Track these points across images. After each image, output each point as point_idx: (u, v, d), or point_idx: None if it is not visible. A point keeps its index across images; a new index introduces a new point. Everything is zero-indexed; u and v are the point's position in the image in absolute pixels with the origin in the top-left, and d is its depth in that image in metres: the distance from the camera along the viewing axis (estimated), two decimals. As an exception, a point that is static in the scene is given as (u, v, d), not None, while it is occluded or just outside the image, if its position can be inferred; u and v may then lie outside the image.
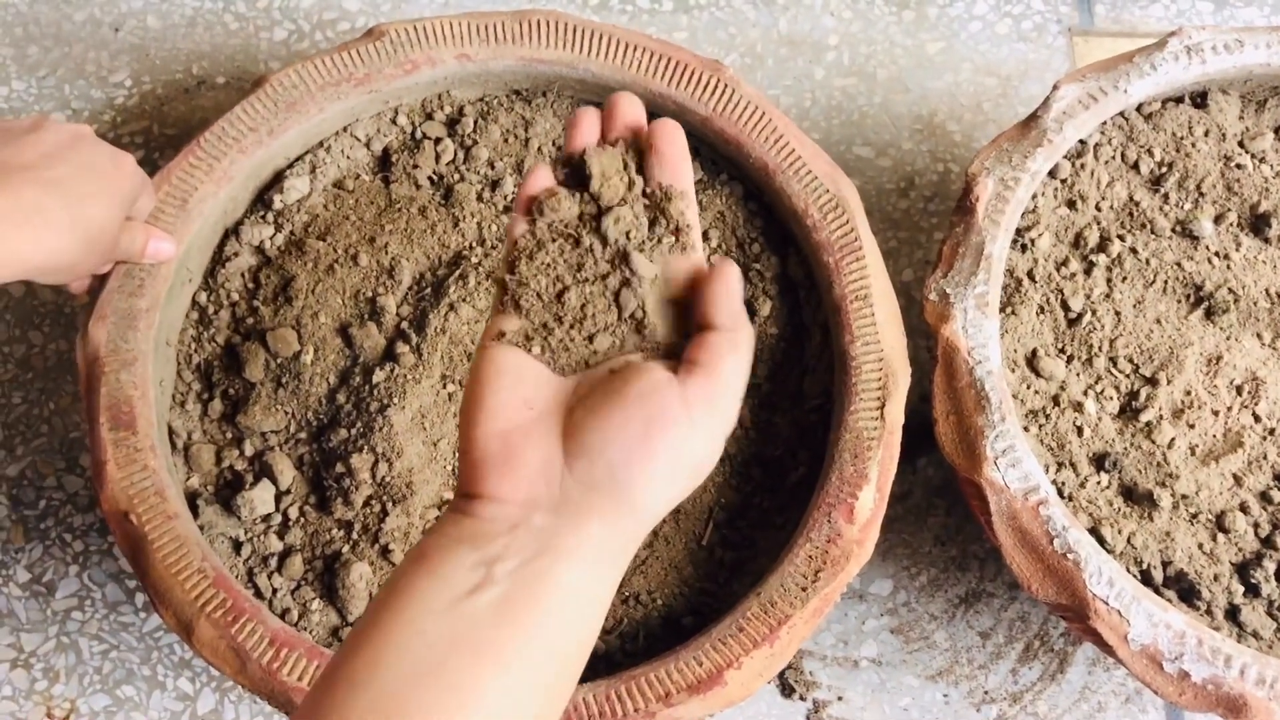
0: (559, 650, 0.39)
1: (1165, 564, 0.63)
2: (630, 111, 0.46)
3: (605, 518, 0.40)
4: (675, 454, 0.40)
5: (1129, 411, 0.65)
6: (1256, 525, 0.63)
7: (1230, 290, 0.67)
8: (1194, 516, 0.63)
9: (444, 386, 0.64)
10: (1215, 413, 0.65)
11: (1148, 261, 0.68)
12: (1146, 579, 0.62)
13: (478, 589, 0.38)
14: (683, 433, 0.40)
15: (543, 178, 0.45)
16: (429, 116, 0.71)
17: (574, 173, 0.45)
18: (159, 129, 0.83)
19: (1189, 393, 0.65)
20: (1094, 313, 0.67)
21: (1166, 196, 0.70)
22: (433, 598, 0.39)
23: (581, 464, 0.40)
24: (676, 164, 0.45)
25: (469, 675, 0.37)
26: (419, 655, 0.37)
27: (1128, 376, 0.66)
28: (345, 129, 0.70)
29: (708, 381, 0.41)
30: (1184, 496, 0.63)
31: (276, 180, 0.69)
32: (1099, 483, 0.64)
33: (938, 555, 0.74)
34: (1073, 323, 0.67)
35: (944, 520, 0.75)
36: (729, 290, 0.43)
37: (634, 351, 0.44)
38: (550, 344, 0.43)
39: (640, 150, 0.45)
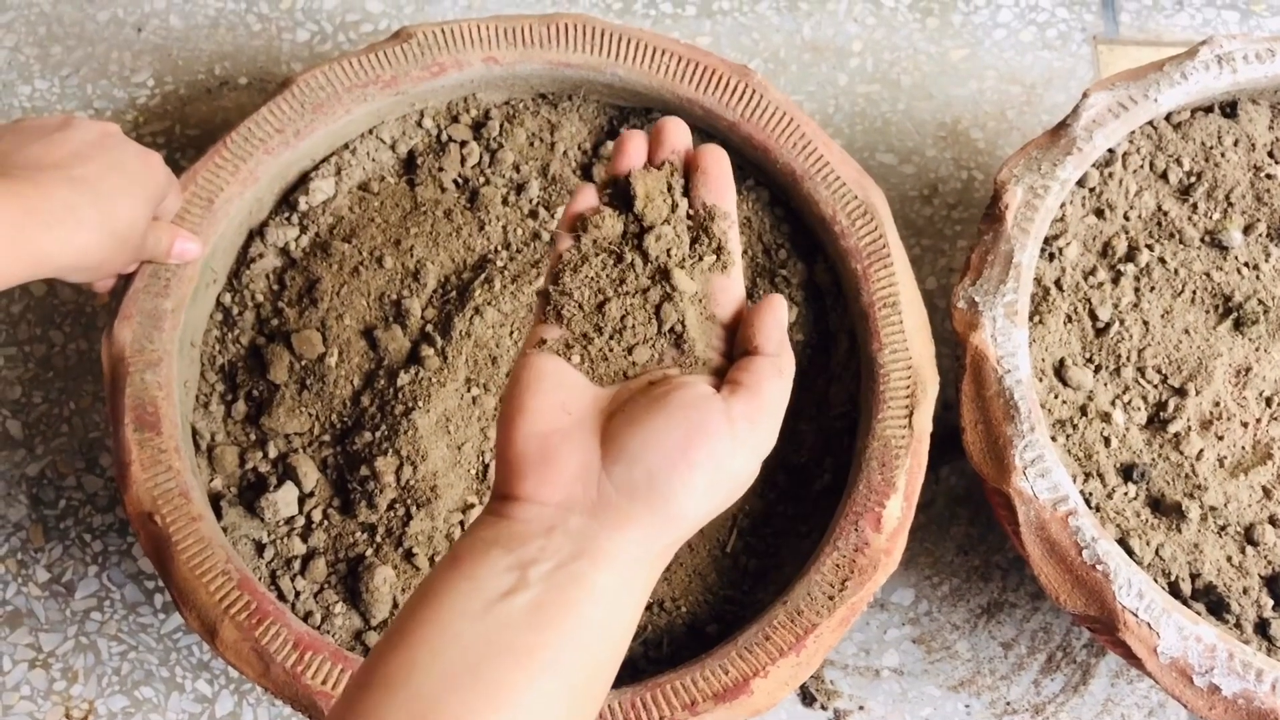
0: (593, 655, 0.39)
1: (1194, 576, 0.62)
2: (677, 135, 0.47)
3: (642, 523, 0.40)
4: (715, 466, 0.40)
5: (1157, 422, 0.65)
6: (1286, 538, 0.63)
7: (1260, 301, 0.66)
8: (1222, 529, 0.63)
9: (468, 390, 0.64)
10: (1244, 424, 0.65)
11: (1176, 271, 0.68)
12: (1175, 591, 0.62)
13: (512, 592, 0.38)
14: (725, 446, 0.40)
15: (589, 197, 0.46)
16: (455, 119, 0.71)
17: (619, 193, 0.46)
18: (181, 129, 0.83)
19: (1218, 404, 0.65)
20: (1122, 322, 0.66)
21: (1195, 206, 0.69)
22: (467, 601, 0.38)
23: (620, 469, 0.40)
24: (722, 186, 0.46)
25: (503, 679, 0.37)
26: (453, 658, 0.37)
27: (1156, 387, 0.66)
28: (371, 131, 0.70)
29: (751, 400, 0.42)
30: (1212, 508, 0.63)
31: (302, 182, 0.69)
32: (1126, 494, 0.63)
33: (960, 564, 0.74)
34: (1101, 332, 0.66)
35: (967, 529, 0.74)
36: (776, 319, 0.44)
37: (672, 366, 0.44)
38: (590, 353, 0.44)
39: (685, 174, 0.46)
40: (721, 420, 0.41)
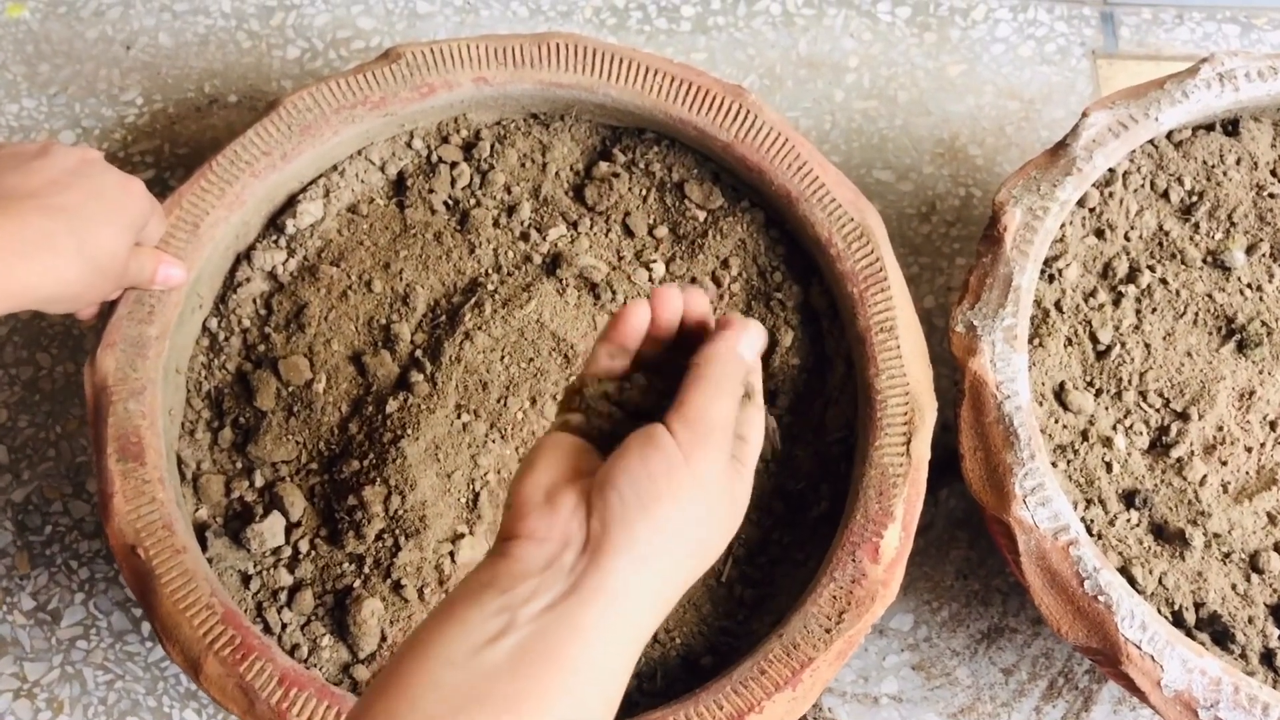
0: (581, 702, 0.38)
1: (1198, 605, 0.61)
2: (699, 308, 0.49)
3: (628, 550, 0.40)
4: (671, 474, 0.41)
5: (1159, 447, 0.64)
6: (1291, 566, 0.61)
7: (1263, 323, 0.65)
8: (1227, 556, 0.62)
9: (458, 417, 0.63)
10: (1248, 449, 0.63)
11: (1178, 293, 0.67)
12: (1178, 620, 0.61)
13: (498, 636, 0.38)
14: (673, 456, 0.41)
15: (636, 322, 0.47)
16: (445, 140, 0.70)
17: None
18: (170, 148, 0.82)
19: (1221, 428, 0.64)
20: (1123, 345, 0.65)
21: (1197, 226, 0.68)
22: (453, 648, 0.38)
23: (598, 501, 0.41)
24: (748, 344, 0.47)
25: None
26: (430, 710, 0.36)
27: (1158, 411, 0.64)
28: (360, 152, 0.69)
29: (680, 415, 0.43)
30: (1216, 535, 0.62)
31: (290, 204, 0.68)
32: (1129, 520, 0.62)
33: (960, 589, 0.73)
34: (1101, 355, 0.65)
35: (966, 553, 0.73)
36: (719, 336, 0.46)
37: None
38: (611, 436, 0.45)
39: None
40: (665, 435, 0.42)
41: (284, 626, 0.61)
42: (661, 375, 0.47)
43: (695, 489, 0.42)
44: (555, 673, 0.38)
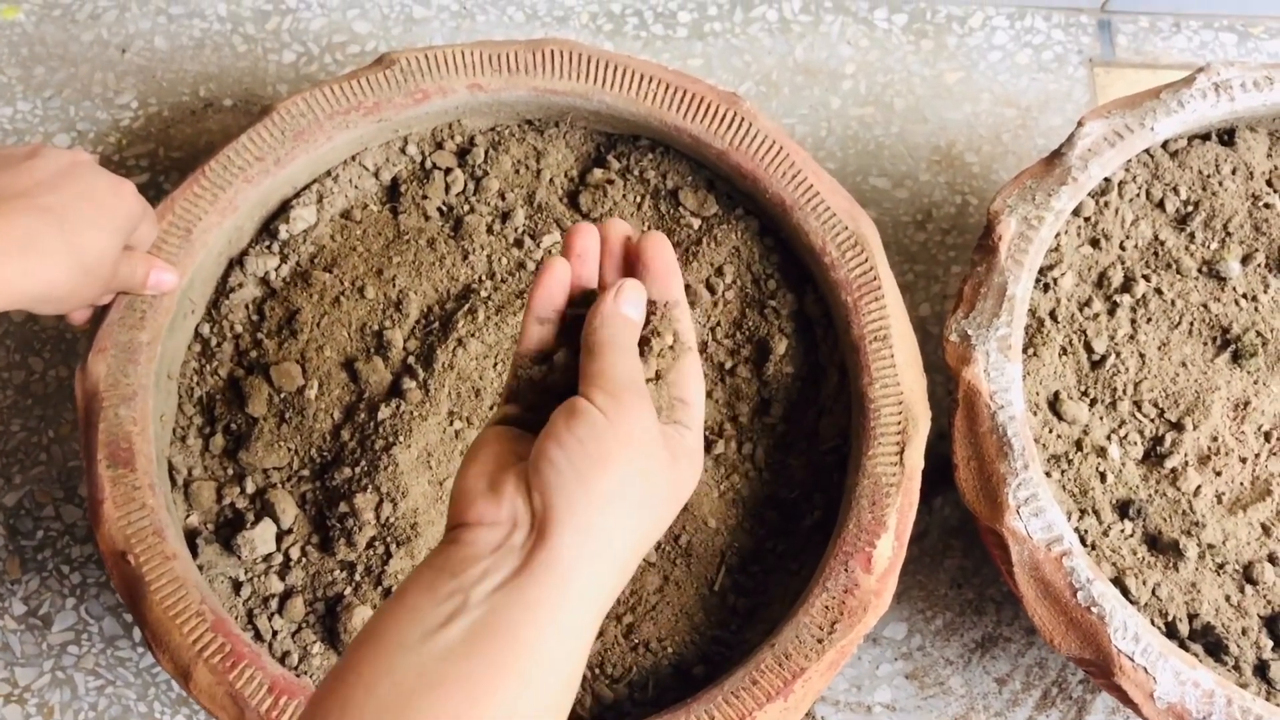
0: (536, 680, 0.38)
1: (1191, 616, 0.61)
2: (617, 236, 0.48)
3: (570, 519, 0.40)
4: (595, 436, 0.41)
5: (1153, 457, 0.64)
6: (1285, 577, 0.61)
7: (1258, 333, 0.65)
8: (1220, 567, 0.62)
9: (451, 424, 0.63)
10: (1243, 460, 0.63)
11: (1173, 302, 0.66)
12: (1172, 631, 0.60)
13: (451, 618, 0.38)
14: (594, 418, 0.41)
15: (551, 294, 0.47)
16: (439, 146, 0.70)
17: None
18: (165, 151, 0.81)
19: (1215, 439, 0.64)
20: (1118, 355, 0.65)
21: (1193, 236, 0.68)
22: (405, 632, 0.38)
23: (535, 479, 0.41)
24: (667, 276, 0.47)
25: (433, 714, 0.36)
26: (385, 695, 0.37)
27: (1152, 421, 0.64)
28: (354, 158, 0.69)
29: (589, 382, 0.43)
30: (1210, 546, 0.62)
31: (283, 210, 0.68)
32: (1123, 531, 0.62)
33: (954, 598, 0.72)
34: (1096, 365, 0.65)
35: (960, 562, 0.73)
36: (598, 306, 0.45)
37: None
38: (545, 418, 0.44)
39: (628, 266, 0.48)
40: (584, 403, 0.42)
41: (275, 634, 0.60)
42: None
43: (625, 448, 0.41)
44: (509, 650, 0.38)
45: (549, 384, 0.45)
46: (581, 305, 0.46)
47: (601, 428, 0.41)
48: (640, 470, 0.42)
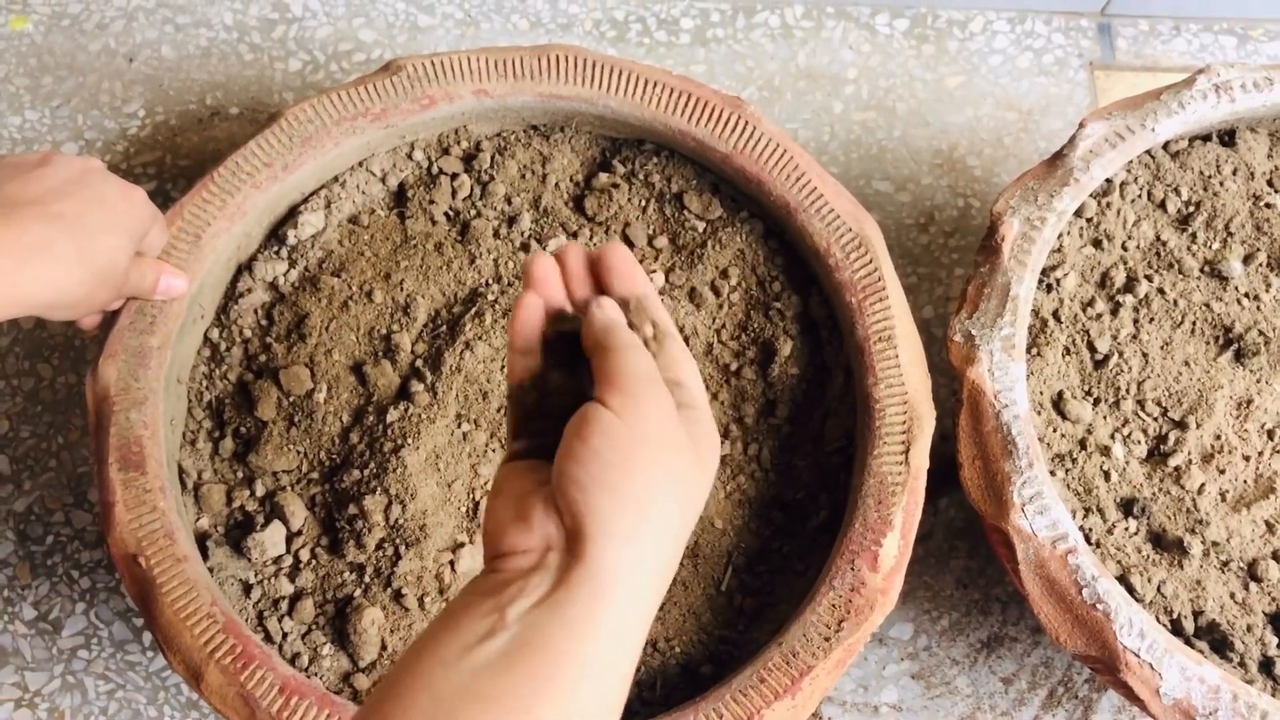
0: (575, 696, 0.38)
1: (1196, 614, 0.61)
2: (576, 260, 0.48)
3: (602, 531, 0.39)
4: (612, 441, 0.40)
5: (1157, 456, 0.64)
6: (1290, 574, 0.62)
7: (1261, 332, 0.66)
8: (1225, 564, 0.62)
9: (459, 426, 0.63)
10: (1246, 458, 0.64)
11: (1175, 302, 0.67)
12: (1177, 629, 0.61)
13: (489, 635, 0.38)
14: (609, 422, 0.41)
15: (532, 315, 0.47)
16: (446, 151, 0.70)
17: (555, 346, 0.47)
18: (172, 160, 0.82)
19: (1219, 437, 0.64)
20: (1121, 354, 0.66)
21: (1194, 236, 0.68)
22: (446, 650, 0.38)
23: (561, 498, 0.40)
24: (631, 274, 0.47)
25: None
26: (425, 711, 0.37)
27: (1156, 420, 0.65)
28: (361, 164, 0.69)
29: (602, 385, 0.42)
30: (1215, 544, 0.62)
31: (291, 215, 0.68)
32: (1127, 529, 0.63)
33: (959, 598, 0.73)
34: (1099, 364, 0.66)
35: (966, 562, 0.73)
36: (590, 316, 0.45)
37: None
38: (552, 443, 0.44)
39: (595, 274, 0.48)
40: (597, 407, 0.41)
41: (285, 635, 0.61)
42: (574, 366, 0.46)
43: (644, 446, 0.41)
44: (548, 664, 0.38)
45: (548, 408, 0.45)
46: (559, 323, 0.46)
47: (616, 430, 0.41)
48: (665, 464, 0.41)
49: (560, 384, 0.45)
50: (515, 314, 0.46)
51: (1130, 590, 0.61)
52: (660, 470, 0.41)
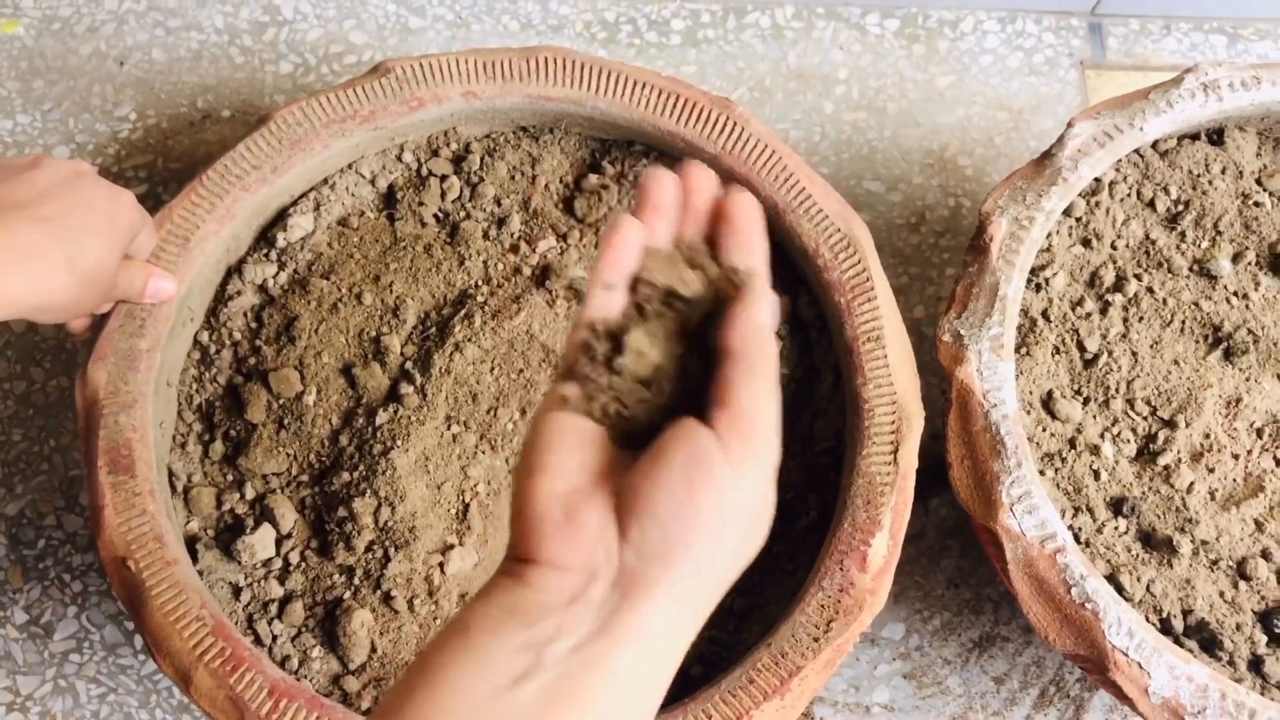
0: None
1: (1186, 613, 0.61)
2: (703, 185, 0.42)
3: (667, 589, 0.36)
4: (720, 500, 0.37)
5: (1147, 454, 0.64)
6: (1279, 573, 0.62)
7: (1250, 331, 0.66)
8: (1214, 563, 0.62)
9: (448, 428, 0.63)
10: (1235, 456, 0.64)
11: (1165, 301, 0.67)
12: (1166, 628, 0.61)
13: (524, 677, 0.35)
14: (722, 477, 0.37)
15: (621, 255, 0.41)
16: (435, 153, 0.71)
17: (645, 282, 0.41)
18: (163, 163, 0.82)
19: (1208, 436, 0.64)
20: (1110, 353, 0.66)
21: (1183, 235, 0.69)
22: (474, 685, 0.35)
23: (635, 530, 0.37)
24: (751, 241, 0.41)
25: None
26: None
27: (1145, 419, 0.65)
28: (350, 166, 0.70)
29: (733, 419, 0.38)
30: (1204, 542, 0.62)
31: (280, 218, 0.68)
32: (1117, 528, 0.63)
33: (951, 598, 0.73)
34: (1089, 364, 0.66)
35: (957, 562, 0.73)
36: (746, 316, 0.39)
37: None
38: (611, 410, 0.40)
39: (713, 222, 0.42)
40: (714, 449, 0.37)
41: (274, 638, 0.61)
42: (660, 315, 0.40)
43: (739, 512, 0.37)
44: (585, 717, 0.35)
45: (618, 367, 0.39)
46: (667, 271, 0.40)
47: (727, 490, 0.36)
48: (744, 534, 0.38)
49: (644, 352, 0.39)
50: (610, 241, 0.40)
51: (1119, 589, 0.61)
52: (740, 535, 0.38)
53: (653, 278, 0.39)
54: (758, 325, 0.39)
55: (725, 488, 0.37)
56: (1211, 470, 0.63)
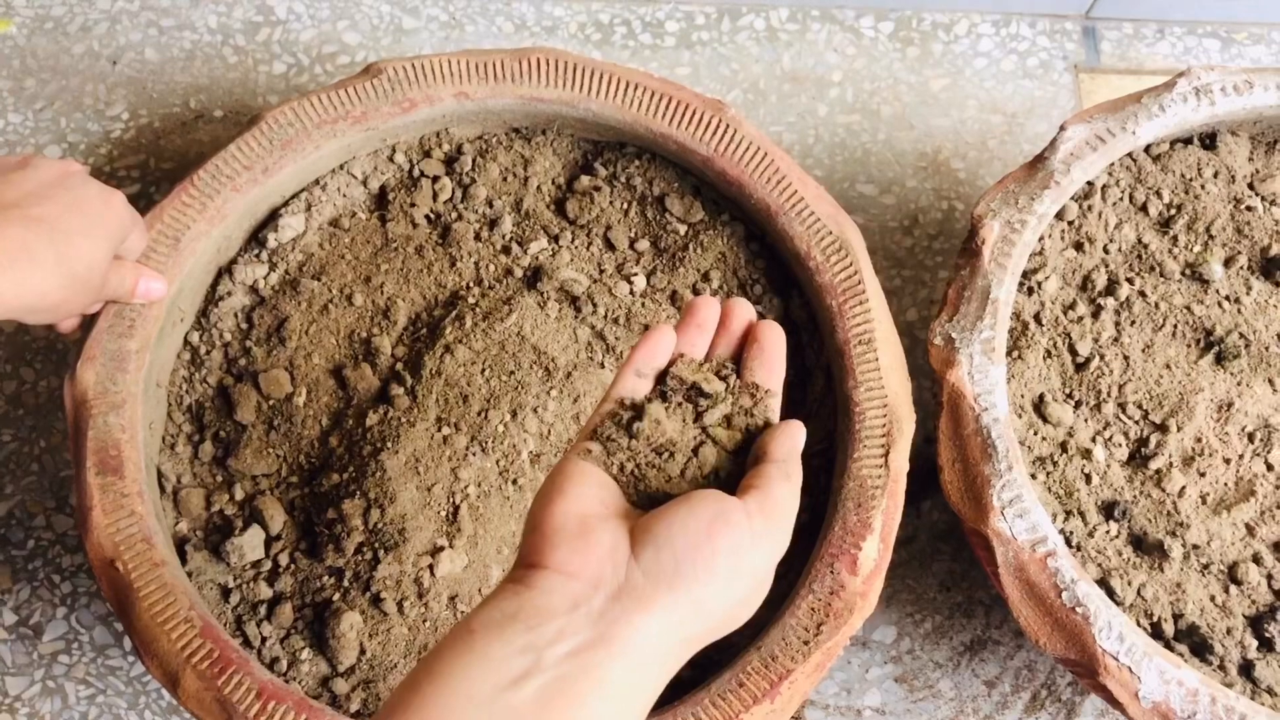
0: None
1: (1176, 616, 0.61)
2: (740, 316, 0.50)
3: (664, 609, 0.40)
4: (736, 553, 0.41)
5: (1138, 458, 0.64)
6: (1270, 577, 0.62)
7: (1241, 335, 0.66)
8: (1205, 567, 0.62)
9: (438, 430, 0.63)
10: (1226, 460, 0.64)
11: (1157, 305, 0.67)
12: (1157, 632, 0.61)
13: (523, 677, 0.37)
14: (744, 537, 0.41)
15: (657, 349, 0.48)
16: (427, 154, 0.70)
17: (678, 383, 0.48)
18: (155, 162, 0.82)
19: (1199, 440, 0.64)
20: (1102, 357, 0.66)
21: (1175, 239, 0.69)
22: (476, 684, 0.37)
23: (648, 553, 0.40)
24: (773, 365, 0.49)
25: None
26: None
27: (1137, 423, 0.65)
28: (342, 166, 0.69)
29: (763, 500, 0.43)
30: (1195, 547, 0.62)
31: (271, 218, 0.68)
32: (1108, 532, 0.62)
33: (943, 601, 0.73)
34: (1081, 367, 0.66)
35: (949, 565, 0.73)
36: (790, 436, 0.47)
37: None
38: (628, 472, 0.45)
39: (743, 341, 0.49)
40: (740, 514, 0.42)
41: (263, 640, 0.61)
42: (681, 405, 0.47)
43: (749, 575, 0.42)
44: None
45: (636, 431, 0.45)
46: (694, 372, 0.47)
47: (744, 548, 0.41)
48: (747, 593, 0.42)
49: (661, 422, 0.46)
50: (648, 337, 0.47)
51: (1110, 593, 0.61)
52: (743, 592, 0.42)
53: (680, 372, 0.47)
54: (797, 444, 0.46)
55: (743, 546, 0.41)
56: (1203, 474, 0.63)
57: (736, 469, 0.46)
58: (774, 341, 0.49)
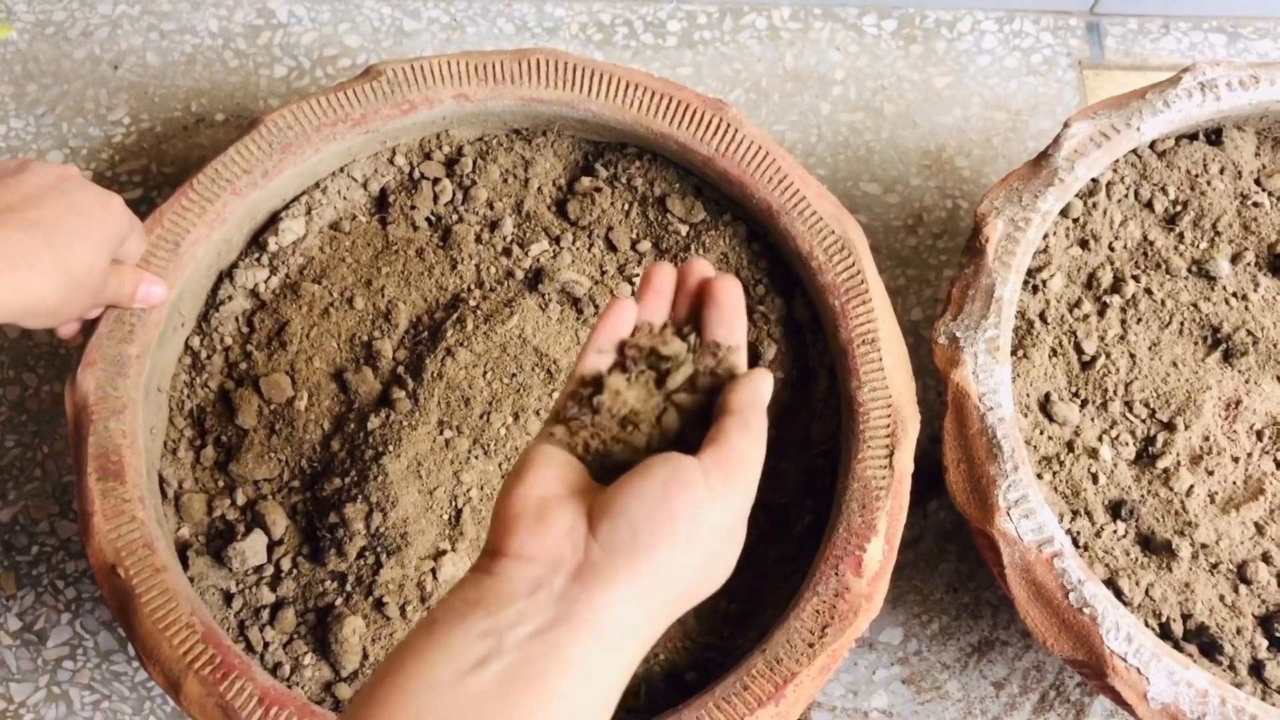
0: None
1: (1185, 616, 0.60)
2: (697, 273, 0.48)
3: (626, 582, 0.39)
4: (693, 513, 0.40)
5: (1145, 457, 0.63)
6: None
7: (1249, 332, 0.65)
8: (1214, 567, 0.61)
9: (440, 433, 0.63)
10: (1235, 459, 0.63)
11: (1163, 302, 0.66)
12: (1166, 632, 0.60)
13: (484, 661, 0.37)
14: (700, 496, 0.40)
15: (618, 324, 0.47)
16: (427, 156, 0.70)
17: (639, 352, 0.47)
18: (157, 167, 0.82)
19: (1207, 438, 0.63)
20: (1108, 355, 0.65)
21: (1182, 235, 0.68)
22: (438, 670, 0.37)
23: (604, 527, 0.39)
24: (732, 319, 0.47)
25: None
26: None
27: (1144, 421, 0.64)
28: (342, 169, 0.69)
29: (719, 454, 0.42)
30: (1204, 546, 0.61)
31: (272, 222, 0.68)
32: (1115, 532, 0.62)
33: (949, 602, 0.72)
34: (1086, 366, 0.65)
35: (956, 566, 0.73)
36: (748, 386, 0.45)
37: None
38: (593, 447, 0.44)
39: (700, 299, 0.48)
40: (696, 472, 0.41)
41: (266, 645, 0.60)
42: (641, 372, 0.46)
43: (711, 534, 0.40)
44: (542, 703, 0.37)
45: (597, 405, 0.45)
46: (652, 338, 0.46)
47: (701, 507, 0.40)
48: (711, 556, 0.41)
49: (620, 392, 0.45)
50: (607, 313, 0.46)
51: (1118, 593, 0.60)
52: (707, 555, 0.41)
53: (638, 340, 0.46)
54: (758, 393, 0.44)
55: (700, 504, 0.40)
56: (1211, 473, 0.63)
57: (706, 433, 0.45)
58: (730, 296, 0.47)
